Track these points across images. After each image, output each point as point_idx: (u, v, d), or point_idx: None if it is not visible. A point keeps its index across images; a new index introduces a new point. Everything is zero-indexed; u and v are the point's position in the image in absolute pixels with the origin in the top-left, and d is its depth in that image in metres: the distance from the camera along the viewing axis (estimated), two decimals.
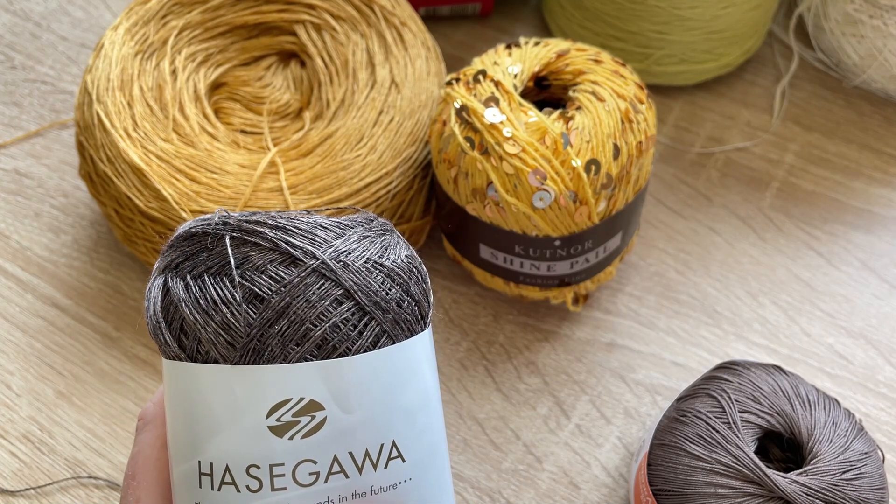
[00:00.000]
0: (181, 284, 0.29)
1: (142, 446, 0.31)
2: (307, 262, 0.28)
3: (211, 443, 0.28)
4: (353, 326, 0.28)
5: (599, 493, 0.48)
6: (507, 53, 0.48)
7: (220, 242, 0.28)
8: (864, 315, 0.54)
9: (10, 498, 0.48)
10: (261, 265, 0.28)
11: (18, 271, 0.56)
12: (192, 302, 0.28)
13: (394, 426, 0.29)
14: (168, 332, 0.29)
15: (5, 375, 0.52)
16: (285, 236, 0.28)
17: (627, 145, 0.45)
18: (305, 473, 0.28)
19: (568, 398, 0.51)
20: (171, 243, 0.30)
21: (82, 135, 0.52)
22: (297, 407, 0.27)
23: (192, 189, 0.49)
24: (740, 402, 0.42)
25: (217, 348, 0.28)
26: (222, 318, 0.28)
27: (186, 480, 0.29)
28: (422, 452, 0.29)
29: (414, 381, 0.29)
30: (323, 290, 0.28)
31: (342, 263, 0.28)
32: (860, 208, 0.58)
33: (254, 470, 0.27)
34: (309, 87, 0.55)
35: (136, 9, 0.54)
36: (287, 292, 0.28)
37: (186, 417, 0.28)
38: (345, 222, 0.30)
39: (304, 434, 0.27)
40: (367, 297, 0.28)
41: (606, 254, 0.49)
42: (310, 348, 0.28)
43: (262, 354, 0.27)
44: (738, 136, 0.61)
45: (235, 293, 0.28)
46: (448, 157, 0.46)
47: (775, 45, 0.66)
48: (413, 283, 0.30)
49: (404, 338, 0.29)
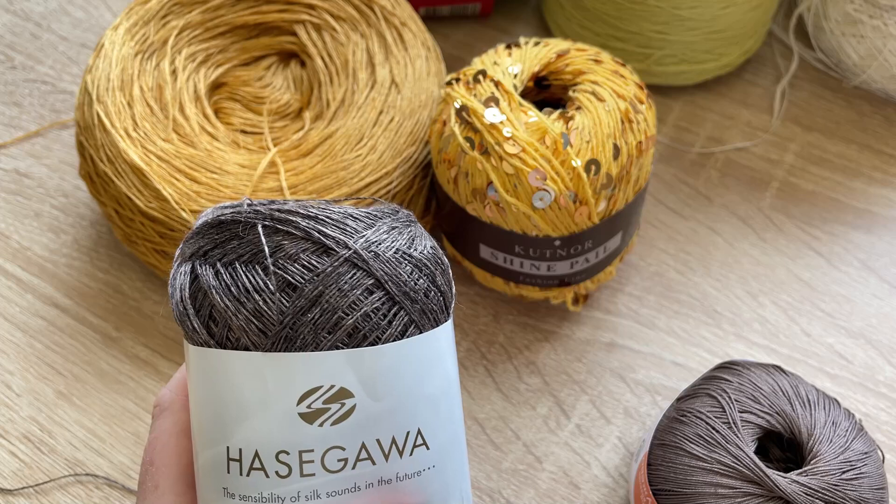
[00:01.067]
0: (211, 272, 0.29)
1: (159, 432, 0.31)
2: (339, 251, 0.28)
3: (240, 429, 0.28)
4: (383, 316, 0.29)
5: (599, 493, 0.48)
6: (507, 53, 0.48)
7: (252, 231, 0.29)
8: (864, 315, 0.54)
9: (10, 497, 0.48)
10: (293, 254, 0.28)
11: (18, 271, 0.56)
12: (223, 289, 0.28)
13: (419, 414, 0.29)
14: (197, 318, 0.29)
15: (5, 375, 0.52)
16: (317, 225, 0.28)
17: (627, 145, 0.45)
18: (334, 460, 0.28)
19: (568, 398, 0.51)
20: (197, 230, 0.30)
21: (82, 135, 0.52)
22: (327, 394, 0.28)
23: (192, 189, 0.49)
24: (740, 402, 0.42)
25: (248, 335, 0.28)
26: (255, 305, 0.28)
27: (214, 466, 0.29)
28: (444, 440, 0.30)
29: (438, 370, 0.30)
30: (355, 280, 0.28)
31: (373, 254, 0.29)
32: (860, 208, 0.58)
33: (283, 456, 0.28)
34: (309, 87, 0.55)
35: (136, 9, 0.54)
36: (320, 281, 0.28)
37: (214, 404, 0.29)
38: (374, 213, 0.30)
39: (334, 421, 0.28)
40: (398, 287, 0.29)
41: (606, 254, 0.49)
42: (341, 337, 0.28)
43: (293, 342, 0.28)
44: (738, 136, 0.61)
45: (269, 281, 0.28)
46: (448, 157, 0.46)
47: (775, 45, 0.66)
48: (439, 274, 0.31)
49: (430, 328, 0.30)
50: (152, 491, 0.30)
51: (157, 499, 0.30)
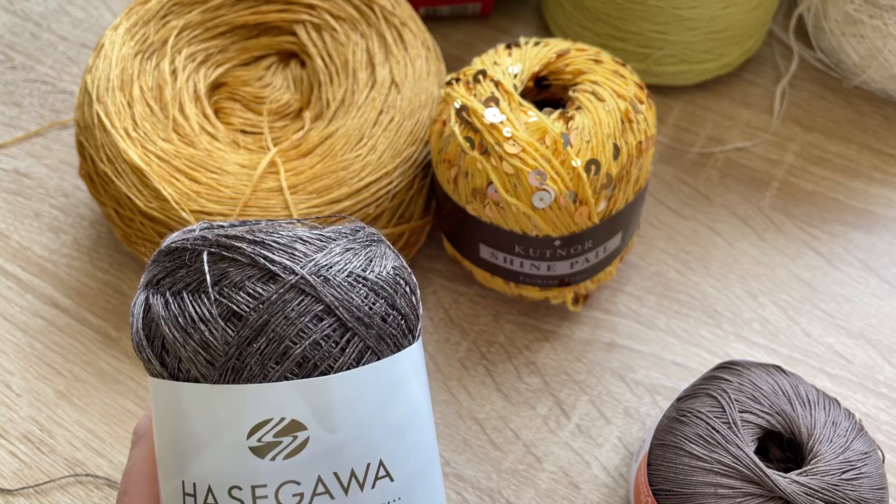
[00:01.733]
0: (161, 301, 0.28)
1: (133, 461, 0.31)
2: (286, 277, 0.27)
3: (194, 463, 0.27)
4: (334, 343, 0.27)
5: (599, 493, 0.48)
6: (507, 53, 0.48)
7: (198, 258, 0.28)
8: (864, 315, 0.54)
9: (10, 497, 0.48)
10: (238, 281, 0.27)
11: (18, 271, 0.56)
12: (172, 319, 0.27)
13: (381, 444, 0.28)
14: (150, 349, 0.28)
15: (5, 375, 0.52)
16: (263, 251, 0.27)
17: (627, 145, 0.45)
18: (289, 495, 0.27)
19: (568, 398, 0.51)
20: (153, 258, 0.29)
21: (82, 135, 0.52)
22: (278, 427, 0.27)
23: (192, 189, 0.49)
24: (740, 402, 0.42)
25: (197, 367, 0.27)
26: (201, 336, 0.27)
27: (172, 499, 0.28)
28: (411, 470, 0.29)
29: (401, 398, 0.29)
30: (302, 307, 0.27)
31: (322, 278, 0.27)
32: (860, 208, 0.58)
33: (236, 491, 0.27)
34: (309, 87, 0.55)
35: (136, 9, 0.54)
36: (265, 309, 0.27)
37: (171, 436, 0.28)
38: (327, 234, 0.29)
39: (287, 454, 0.27)
40: (349, 313, 0.28)
41: (606, 254, 0.49)
42: (290, 367, 0.27)
43: (241, 373, 0.27)
44: (738, 136, 0.61)
45: (213, 310, 0.27)
46: (448, 157, 0.46)
47: (775, 45, 0.66)
48: (399, 296, 0.29)
49: (390, 353, 0.29)
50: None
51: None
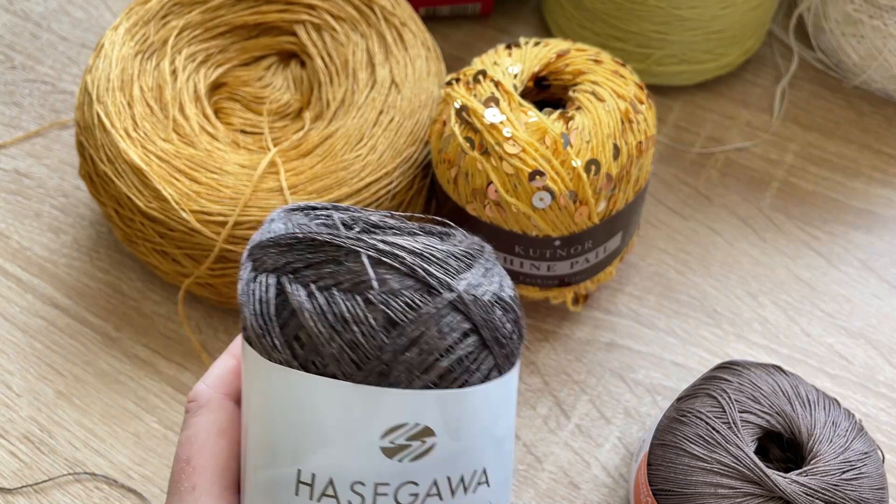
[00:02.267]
0: (304, 293, 0.28)
1: (196, 430, 0.30)
2: (443, 293, 0.28)
3: (317, 454, 0.28)
4: (473, 359, 0.28)
5: (599, 493, 0.48)
6: (507, 53, 0.48)
7: (355, 259, 0.28)
8: (864, 315, 0.54)
9: (9, 497, 0.48)
10: (396, 290, 0.28)
11: (18, 271, 0.56)
12: (318, 314, 0.28)
13: (487, 454, 0.29)
14: (280, 336, 0.28)
15: (5, 375, 0.52)
16: (423, 263, 0.28)
17: (627, 145, 0.45)
18: (406, 494, 0.28)
19: (568, 398, 0.51)
20: (283, 243, 0.29)
21: (82, 135, 0.52)
22: (412, 431, 0.28)
23: (192, 189, 0.49)
24: (740, 402, 0.42)
25: (340, 365, 0.27)
26: (352, 337, 0.27)
27: (277, 485, 0.28)
28: (503, 477, 0.30)
29: (507, 411, 0.30)
30: (455, 323, 0.28)
31: (472, 297, 0.28)
32: (860, 208, 0.58)
33: (358, 486, 0.28)
34: (309, 87, 0.55)
35: (136, 9, 0.54)
36: (422, 322, 0.27)
37: (287, 423, 0.28)
38: (470, 252, 0.30)
39: (413, 458, 0.28)
40: (491, 333, 0.29)
41: (606, 254, 0.49)
42: (433, 377, 0.28)
43: (386, 378, 0.27)
44: (738, 136, 0.61)
45: (370, 315, 0.27)
46: (448, 157, 0.46)
47: (775, 45, 0.66)
48: (521, 316, 0.31)
49: (508, 370, 0.30)
50: (189, 491, 0.29)
51: (194, 500, 0.29)
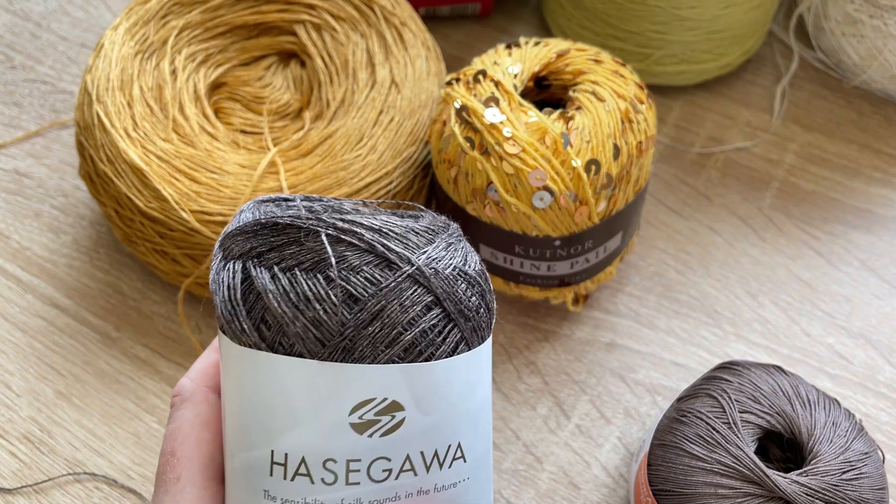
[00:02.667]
0: (267, 275, 0.28)
1: (180, 422, 0.31)
2: (403, 266, 0.28)
3: (288, 434, 0.28)
4: (438, 332, 0.29)
5: (599, 494, 0.48)
6: (507, 53, 0.48)
7: (315, 238, 0.28)
8: (864, 315, 0.54)
9: (9, 497, 0.48)
10: (356, 266, 0.28)
11: (18, 271, 0.56)
12: (281, 295, 0.28)
13: (461, 428, 0.30)
14: (248, 319, 0.29)
15: (5, 375, 0.52)
16: (381, 239, 0.28)
17: (627, 145, 0.45)
18: (379, 470, 0.28)
19: (568, 398, 0.51)
20: (247, 229, 0.30)
21: (82, 135, 0.52)
22: (379, 406, 0.28)
23: (192, 189, 0.49)
24: (740, 402, 0.42)
25: (305, 343, 0.28)
26: (315, 314, 0.28)
27: (254, 468, 0.29)
28: (479, 453, 0.31)
29: (481, 386, 0.31)
30: (416, 296, 0.28)
31: (433, 270, 0.29)
32: (860, 208, 0.58)
33: (330, 464, 0.28)
34: (309, 87, 0.55)
35: (136, 9, 0.54)
36: (383, 296, 0.28)
37: (259, 406, 0.29)
38: (432, 228, 0.30)
39: (384, 433, 0.28)
40: (454, 305, 0.29)
41: (606, 254, 0.49)
42: (398, 351, 0.28)
43: (351, 353, 0.28)
44: (738, 136, 0.61)
45: (333, 292, 0.28)
46: (448, 157, 0.46)
47: (775, 45, 0.66)
48: (487, 291, 0.31)
49: (477, 344, 0.30)
50: (174, 482, 0.30)
51: (178, 491, 0.30)
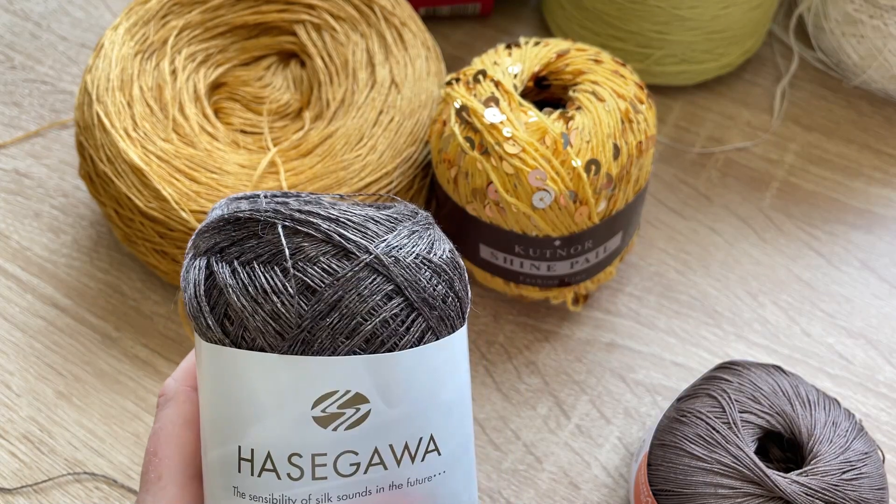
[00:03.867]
0: (228, 270, 0.28)
1: (163, 422, 0.31)
2: (360, 256, 0.28)
3: (253, 429, 0.28)
4: (401, 322, 0.28)
5: (599, 494, 0.48)
6: (507, 53, 0.48)
7: (272, 231, 0.28)
8: (864, 315, 0.54)
9: (9, 497, 0.48)
10: (313, 256, 0.28)
11: (18, 271, 0.56)
12: (240, 289, 0.28)
13: (433, 420, 0.29)
14: (211, 316, 0.29)
15: (5, 375, 0.52)
16: (338, 228, 0.28)
17: (627, 145, 0.45)
18: (346, 464, 0.28)
19: (568, 398, 0.51)
20: (213, 226, 0.30)
21: (82, 135, 0.52)
22: (342, 399, 0.28)
23: (192, 189, 0.49)
24: (740, 402, 0.42)
25: (265, 337, 0.28)
26: (272, 307, 0.28)
27: (224, 464, 0.29)
28: (455, 446, 0.30)
29: (453, 377, 0.30)
30: (374, 285, 0.28)
31: (393, 259, 0.28)
32: (860, 208, 0.58)
33: (296, 458, 0.28)
34: (309, 87, 0.55)
35: (136, 9, 0.54)
36: (340, 286, 0.28)
37: (226, 402, 0.29)
38: (394, 216, 0.30)
39: (348, 426, 0.28)
40: (417, 294, 0.29)
41: (606, 254, 0.49)
42: (359, 342, 0.28)
43: (311, 346, 0.28)
44: (738, 136, 0.61)
45: (288, 284, 0.28)
46: (448, 157, 0.46)
47: (775, 45, 0.66)
48: (457, 279, 0.31)
49: (447, 334, 0.30)
50: (155, 482, 0.30)
51: (159, 490, 0.30)
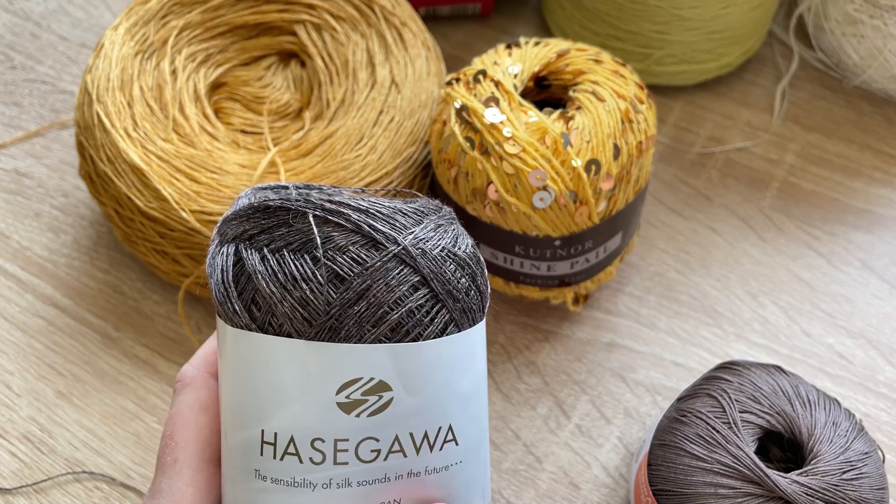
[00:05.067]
0: (257, 256, 0.29)
1: (180, 407, 0.31)
2: (389, 247, 0.29)
3: (277, 413, 0.29)
4: (426, 313, 0.29)
5: (599, 494, 0.48)
6: (507, 53, 0.48)
7: (302, 219, 0.29)
8: (864, 315, 0.54)
9: (9, 497, 0.48)
10: (343, 246, 0.29)
11: (18, 271, 0.56)
12: (270, 275, 0.28)
13: (451, 411, 0.30)
14: (239, 301, 0.29)
15: (5, 375, 0.52)
16: (368, 219, 0.29)
17: (627, 145, 0.45)
18: (367, 450, 0.29)
19: (568, 398, 0.51)
20: (242, 213, 0.30)
21: (82, 135, 0.52)
22: (366, 386, 0.28)
23: (192, 189, 0.49)
24: (740, 402, 0.42)
25: (293, 323, 0.28)
26: (302, 294, 0.28)
27: (246, 447, 0.29)
28: (472, 437, 0.31)
29: (472, 369, 0.31)
30: (402, 276, 0.29)
31: (420, 251, 0.29)
32: (860, 208, 0.58)
33: (318, 443, 0.28)
34: (309, 87, 0.55)
35: (136, 9, 0.54)
36: (368, 275, 0.28)
37: (251, 386, 0.29)
38: (421, 209, 0.31)
39: (371, 413, 0.28)
40: (442, 286, 0.29)
41: (606, 254, 0.49)
42: (384, 331, 0.28)
43: (338, 333, 0.28)
44: (738, 136, 0.61)
45: (318, 272, 0.28)
46: (448, 157, 0.46)
47: (775, 45, 0.66)
48: (479, 273, 0.31)
49: (468, 326, 0.30)
50: (171, 465, 0.31)
51: (175, 473, 0.30)
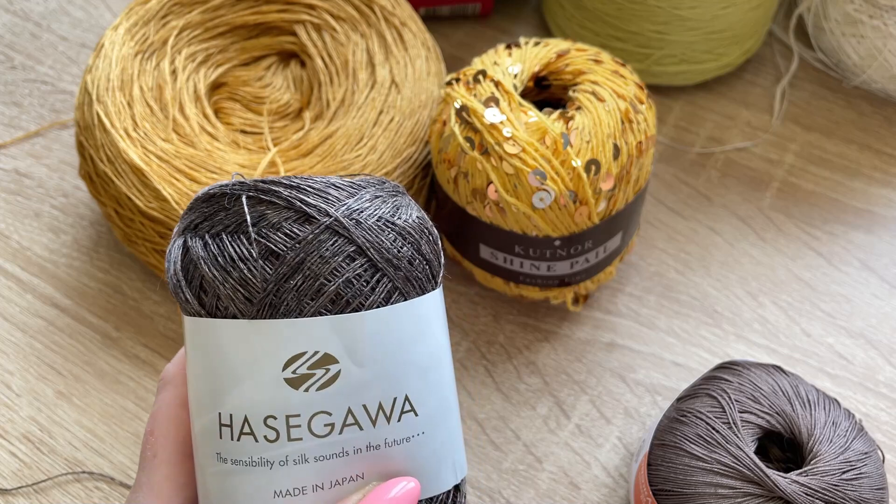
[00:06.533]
0: (200, 243, 0.30)
1: (161, 404, 0.32)
2: (320, 219, 0.29)
3: (230, 395, 0.29)
4: (365, 282, 0.29)
5: (599, 493, 0.48)
6: (507, 53, 0.48)
7: (237, 202, 0.29)
8: (864, 315, 0.54)
9: (9, 497, 0.48)
10: (276, 223, 0.29)
11: (18, 271, 0.56)
12: (211, 259, 0.29)
13: (406, 381, 0.30)
14: (188, 289, 0.30)
15: (5, 375, 0.52)
16: (299, 195, 0.29)
17: (627, 145, 0.45)
18: (321, 425, 0.29)
19: (568, 398, 0.51)
20: (190, 206, 0.31)
21: (82, 135, 0.52)
22: (312, 360, 0.29)
23: (192, 189, 0.49)
24: (740, 402, 0.42)
25: (235, 303, 0.29)
26: (240, 274, 0.29)
27: (207, 432, 0.30)
28: (434, 408, 0.31)
29: (425, 338, 0.31)
30: (336, 247, 0.29)
31: (354, 221, 0.29)
32: (860, 208, 0.58)
33: (271, 421, 0.29)
34: (309, 87, 0.55)
35: (136, 9, 0.54)
36: (301, 248, 0.29)
37: (207, 371, 0.29)
38: (357, 182, 0.31)
39: (319, 386, 0.29)
40: (379, 254, 0.29)
41: (606, 254, 0.49)
42: (324, 303, 0.29)
43: (278, 309, 0.28)
44: (738, 136, 0.61)
45: (252, 250, 0.29)
46: (448, 157, 0.46)
47: (775, 45, 0.66)
48: (424, 243, 0.31)
49: (416, 295, 0.30)
50: (150, 459, 0.32)
51: (154, 468, 0.31)
